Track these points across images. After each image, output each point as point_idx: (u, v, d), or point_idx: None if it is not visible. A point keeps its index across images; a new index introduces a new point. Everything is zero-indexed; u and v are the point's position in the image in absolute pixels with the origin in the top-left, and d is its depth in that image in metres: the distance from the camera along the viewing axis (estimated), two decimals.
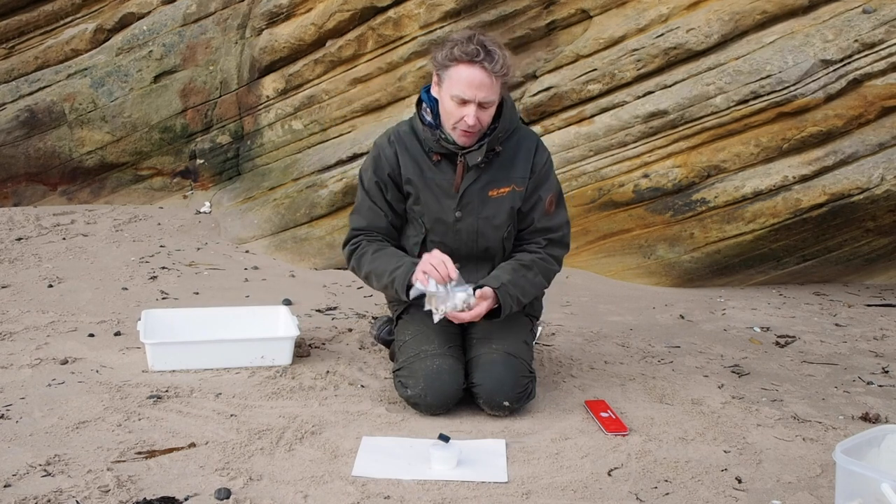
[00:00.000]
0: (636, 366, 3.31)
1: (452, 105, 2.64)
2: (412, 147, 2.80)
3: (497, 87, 2.62)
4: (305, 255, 5.11)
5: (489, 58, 2.57)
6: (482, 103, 2.61)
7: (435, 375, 2.66)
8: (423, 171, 2.79)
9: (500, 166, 2.79)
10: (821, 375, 3.32)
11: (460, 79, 2.60)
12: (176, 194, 6.04)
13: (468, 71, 2.58)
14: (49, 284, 4.15)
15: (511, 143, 2.81)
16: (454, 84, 2.61)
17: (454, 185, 2.77)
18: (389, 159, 2.81)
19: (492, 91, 2.61)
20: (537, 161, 2.83)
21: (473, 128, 2.65)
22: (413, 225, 2.88)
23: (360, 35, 5.29)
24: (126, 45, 5.87)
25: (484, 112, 2.64)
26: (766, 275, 4.98)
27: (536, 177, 2.82)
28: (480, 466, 2.32)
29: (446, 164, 2.79)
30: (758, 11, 4.46)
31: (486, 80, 2.58)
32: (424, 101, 2.79)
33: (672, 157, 4.62)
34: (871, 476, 1.95)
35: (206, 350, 3.01)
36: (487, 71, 2.57)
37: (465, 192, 2.78)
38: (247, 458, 2.32)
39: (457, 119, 2.65)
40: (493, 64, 2.57)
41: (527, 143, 2.83)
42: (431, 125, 2.76)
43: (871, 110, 4.33)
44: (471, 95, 2.60)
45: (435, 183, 2.79)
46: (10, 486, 2.09)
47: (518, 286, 2.74)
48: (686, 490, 2.23)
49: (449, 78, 2.63)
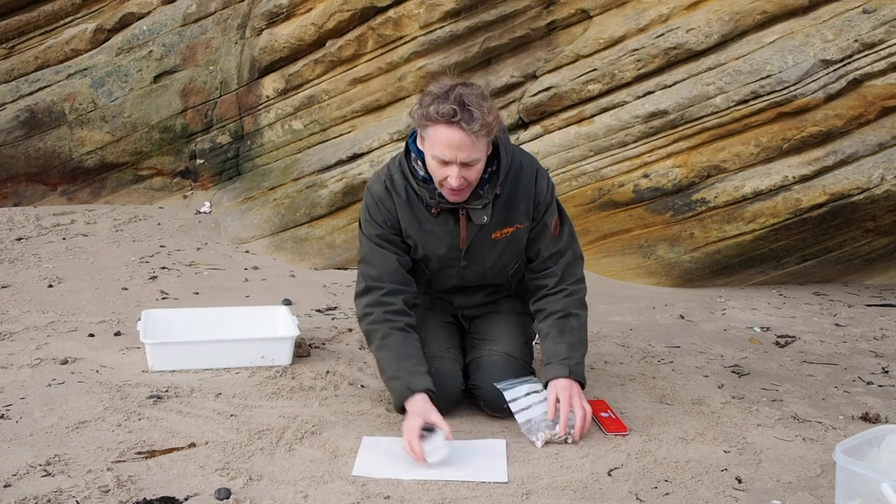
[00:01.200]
0: (636, 366, 3.31)
1: (435, 164, 2.47)
2: (408, 197, 2.64)
3: (480, 144, 2.43)
4: (305, 255, 5.11)
5: (467, 116, 2.35)
6: (465, 163, 2.43)
7: (434, 378, 2.65)
8: (421, 222, 2.67)
9: (503, 208, 2.65)
10: (821, 375, 3.32)
11: (439, 140, 2.41)
12: (176, 194, 6.04)
13: (447, 132, 2.38)
14: (49, 284, 4.15)
15: (510, 181, 2.64)
16: (434, 145, 2.44)
17: (461, 240, 2.67)
18: (389, 209, 2.66)
19: (474, 150, 2.42)
20: (539, 191, 2.68)
21: (459, 188, 2.48)
22: (415, 269, 2.78)
23: (360, 35, 5.29)
24: (126, 45, 5.88)
25: (469, 170, 2.46)
26: (766, 275, 4.98)
27: (541, 207, 2.70)
28: (480, 466, 2.31)
29: (447, 215, 2.64)
30: (758, 11, 4.45)
31: (465, 140, 2.38)
32: (413, 153, 2.59)
33: (672, 157, 4.62)
34: (871, 476, 1.95)
35: (206, 350, 3.01)
36: (466, 131, 2.36)
37: (471, 244, 2.69)
38: (247, 458, 2.32)
39: (441, 178, 2.49)
40: (472, 123, 2.36)
41: (525, 175, 2.67)
42: (426, 180, 2.58)
43: (871, 110, 4.33)
44: (451, 157, 2.41)
45: (436, 235, 2.67)
46: (10, 486, 2.09)
47: (576, 344, 2.67)
48: (686, 490, 2.23)
49: (429, 137, 2.46)
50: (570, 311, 2.71)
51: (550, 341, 2.68)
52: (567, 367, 2.60)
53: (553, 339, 2.68)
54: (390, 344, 2.58)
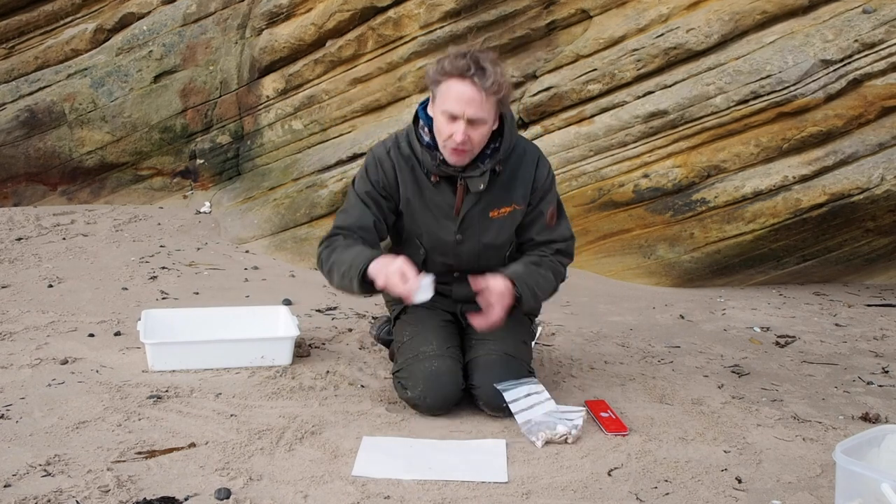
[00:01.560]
0: (636, 366, 3.31)
1: (443, 121, 2.55)
2: (411, 164, 2.71)
3: (488, 105, 2.52)
4: (305, 255, 5.11)
5: (480, 73, 2.47)
6: (471, 120, 2.51)
7: (434, 377, 2.65)
8: (421, 190, 2.72)
9: (501, 186, 2.71)
10: (821, 375, 3.32)
11: (450, 94, 2.51)
12: (176, 194, 6.04)
13: (458, 86, 2.49)
14: (49, 284, 4.15)
15: (511, 162, 2.72)
16: (444, 99, 2.53)
17: (454, 209, 2.72)
18: (388, 173, 2.73)
19: (481, 108, 2.50)
20: (539, 176, 2.75)
21: (463, 145, 2.54)
22: (408, 245, 2.82)
23: (360, 35, 5.29)
24: (126, 45, 5.88)
25: (474, 130, 2.53)
26: (766, 275, 4.98)
27: (538, 193, 2.76)
28: (480, 466, 2.32)
29: (445, 186, 2.71)
30: (758, 11, 4.46)
31: (475, 96, 2.48)
32: (422, 119, 2.69)
33: (672, 157, 4.62)
34: (871, 476, 1.95)
35: (206, 350, 3.01)
36: (477, 86, 2.47)
37: (466, 216, 2.72)
38: (247, 458, 2.32)
39: (446, 136, 2.55)
40: (484, 80, 2.47)
41: (527, 159, 2.75)
42: (430, 146, 2.66)
43: (871, 110, 4.33)
44: (459, 111, 2.50)
45: (434, 204, 2.72)
46: (10, 486, 2.09)
47: (532, 281, 2.68)
48: (686, 490, 2.23)
49: (440, 93, 2.55)
50: (541, 264, 2.75)
51: (514, 266, 2.72)
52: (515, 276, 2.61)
53: (516, 265, 2.72)
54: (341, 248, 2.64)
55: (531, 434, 2.50)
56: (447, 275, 2.85)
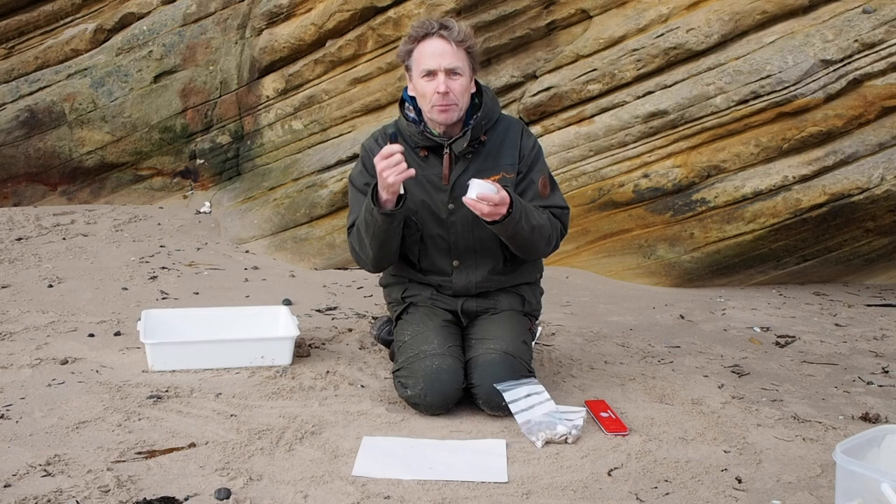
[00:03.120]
0: (636, 366, 3.31)
1: (423, 84, 2.70)
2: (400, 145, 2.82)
3: (461, 55, 2.69)
4: (305, 255, 5.11)
5: (446, 28, 2.68)
6: (449, 70, 2.66)
7: (434, 376, 2.66)
8: (411, 167, 2.75)
9: (488, 155, 2.82)
10: (821, 375, 3.32)
11: (423, 53, 2.69)
12: (176, 194, 6.04)
13: (428, 44, 2.68)
14: (49, 284, 4.15)
15: (496, 132, 2.85)
16: (419, 61, 2.70)
17: (443, 177, 2.80)
18: None
19: (456, 58, 2.68)
20: (524, 146, 2.85)
21: (447, 97, 2.68)
22: (408, 224, 2.86)
23: (360, 35, 5.29)
24: (126, 45, 5.88)
25: (454, 81, 2.68)
26: (766, 275, 4.98)
27: (525, 161, 2.85)
28: (480, 466, 2.32)
29: (434, 158, 2.82)
30: (758, 11, 4.46)
31: (447, 47, 2.66)
32: (406, 101, 2.85)
33: (672, 157, 4.62)
34: (871, 476, 1.95)
35: (206, 350, 3.01)
36: (446, 39, 2.66)
37: (456, 183, 2.79)
38: (247, 458, 2.32)
39: (430, 95, 2.69)
40: (451, 32, 2.67)
41: (512, 130, 2.87)
42: (415, 121, 2.81)
43: (871, 110, 4.33)
44: (435, 64, 2.66)
45: (425, 178, 2.81)
46: (10, 486, 2.09)
47: (529, 210, 2.71)
48: (686, 490, 2.23)
49: (414, 61, 2.72)
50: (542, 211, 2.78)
51: None
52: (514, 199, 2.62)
53: None
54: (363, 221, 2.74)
55: (531, 434, 2.50)
56: (446, 260, 2.87)
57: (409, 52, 2.73)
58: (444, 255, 2.88)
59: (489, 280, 2.89)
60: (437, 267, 2.90)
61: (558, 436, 2.48)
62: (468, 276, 2.88)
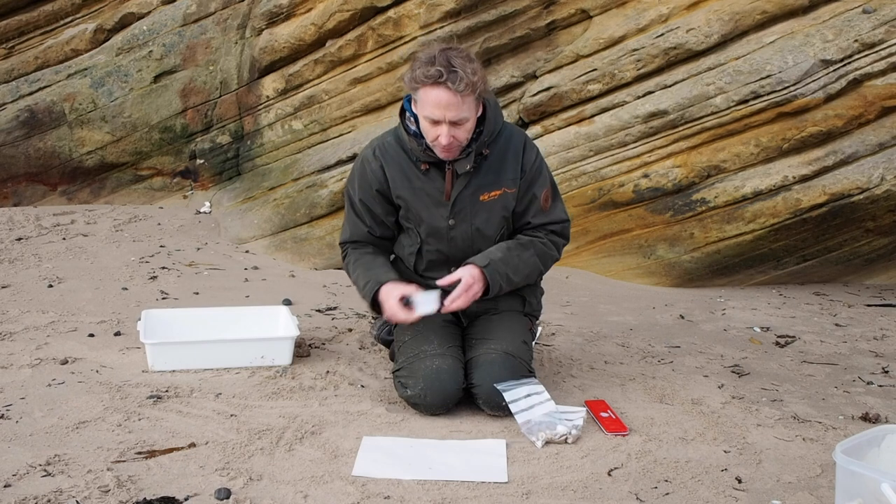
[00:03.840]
0: (636, 366, 3.31)
1: (427, 125, 2.62)
2: (399, 158, 2.78)
3: (467, 103, 2.57)
4: (305, 255, 5.11)
5: (453, 77, 2.50)
6: (453, 122, 2.57)
7: (434, 376, 2.66)
8: (411, 181, 2.78)
9: (490, 170, 2.77)
10: (821, 375, 3.32)
11: (427, 100, 2.56)
12: (176, 194, 6.04)
13: (434, 92, 2.53)
14: (49, 284, 4.15)
15: (499, 145, 2.78)
16: (423, 105, 2.59)
17: (445, 194, 2.76)
18: (376, 173, 2.80)
19: (461, 109, 2.56)
20: (526, 160, 2.81)
21: (450, 146, 2.62)
22: (408, 234, 2.87)
23: (360, 35, 5.29)
24: (126, 45, 5.88)
25: (459, 129, 2.60)
26: (766, 275, 4.98)
27: (528, 175, 2.81)
28: (480, 466, 2.32)
29: (435, 172, 2.76)
30: (758, 11, 4.46)
31: (452, 99, 2.52)
32: (407, 111, 2.74)
33: (672, 157, 4.62)
34: (871, 476, 1.95)
35: (206, 350, 3.01)
36: (452, 90, 2.51)
37: (457, 199, 2.76)
38: (247, 458, 2.32)
39: (432, 138, 2.63)
40: (458, 83, 2.50)
41: (514, 143, 2.81)
42: (417, 135, 2.71)
43: (871, 110, 4.33)
44: (440, 116, 2.56)
45: (425, 192, 2.77)
46: (10, 486, 2.09)
47: (510, 264, 2.76)
48: (686, 490, 2.23)
49: (419, 100, 2.61)
50: (529, 247, 2.82)
51: (495, 248, 2.79)
52: (487, 261, 2.71)
53: (499, 248, 2.79)
54: (361, 262, 2.83)
55: (531, 434, 2.50)
56: (444, 270, 2.86)
57: (414, 88, 2.61)
58: (443, 266, 2.87)
59: None
60: (434, 276, 2.90)
61: (558, 436, 2.48)
62: None
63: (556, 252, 2.90)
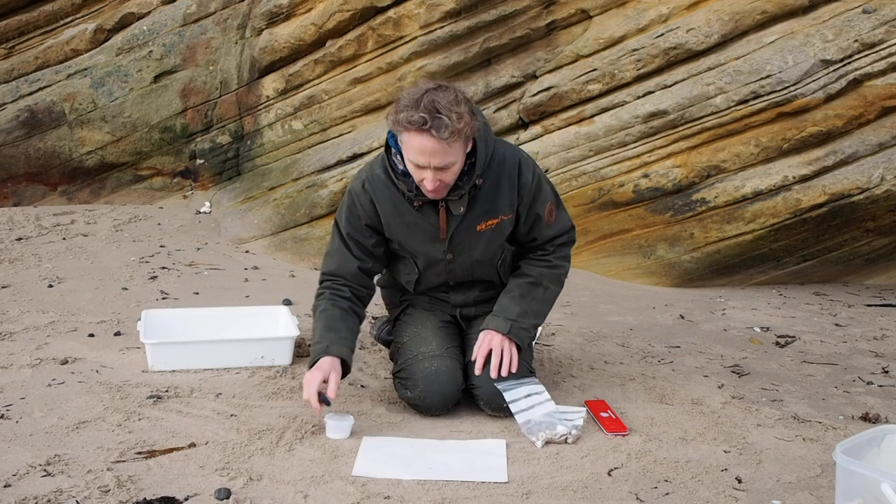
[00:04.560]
0: (636, 366, 3.31)
1: (412, 167, 2.49)
2: (389, 193, 2.65)
3: (454, 148, 2.43)
4: (305, 255, 5.11)
5: (437, 124, 2.35)
6: (439, 167, 2.44)
7: (434, 377, 2.66)
8: (404, 216, 2.68)
9: (485, 199, 2.65)
10: (821, 375, 3.32)
11: (412, 146, 2.43)
12: (176, 194, 6.04)
13: (418, 139, 2.39)
14: (49, 284, 4.15)
15: (492, 172, 2.64)
16: (408, 150, 2.46)
17: (441, 232, 2.68)
18: (366, 209, 2.68)
19: (447, 155, 2.42)
20: (523, 184, 2.67)
21: (437, 189, 2.50)
22: (405, 263, 2.81)
23: (360, 35, 5.29)
24: (126, 45, 5.88)
25: (445, 173, 2.47)
26: (766, 275, 4.98)
27: (526, 199, 2.69)
28: (480, 466, 2.32)
29: (429, 209, 2.65)
30: (758, 11, 4.46)
31: (437, 147, 2.38)
32: (393, 148, 2.59)
33: (672, 157, 4.62)
34: (871, 476, 1.95)
35: (206, 350, 3.01)
36: (436, 138, 2.37)
37: (454, 235, 2.69)
38: (247, 458, 2.32)
39: (419, 180, 2.51)
40: (442, 131, 2.35)
41: (508, 167, 2.66)
42: (405, 173, 2.58)
43: (871, 110, 4.33)
44: (424, 162, 2.43)
45: (419, 228, 2.68)
46: (10, 486, 2.09)
47: (531, 312, 2.74)
48: (686, 490, 2.23)
49: (403, 142, 2.48)
50: (541, 282, 2.78)
51: (508, 299, 2.75)
52: (508, 325, 2.68)
53: (512, 297, 2.75)
54: (326, 316, 2.67)
55: (531, 434, 2.50)
56: (446, 289, 2.87)
57: (398, 131, 2.46)
58: (444, 286, 2.87)
59: (488, 291, 2.89)
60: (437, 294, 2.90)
61: (558, 436, 2.48)
62: (465, 295, 2.88)
63: (566, 263, 2.86)
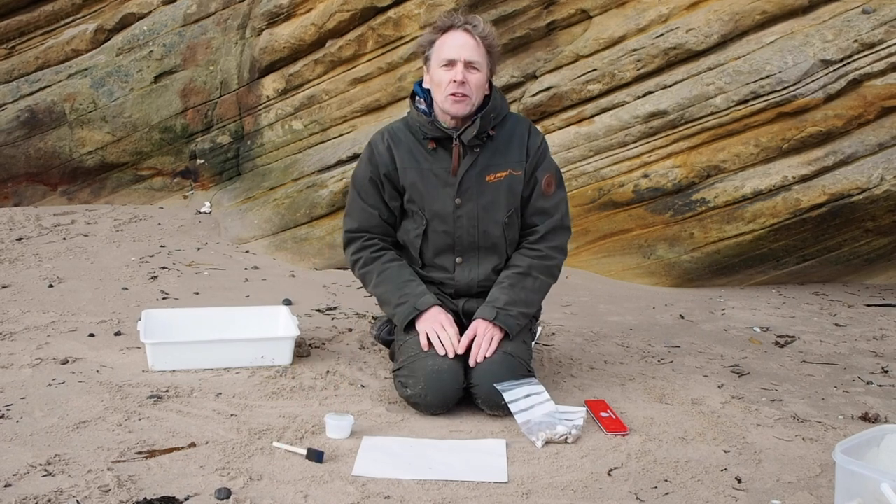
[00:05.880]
0: (636, 366, 3.31)
1: (441, 73, 2.73)
2: (407, 140, 2.87)
3: (482, 51, 2.73)
4: (305, 255, 5.12)
5: (472, 21, 2.73)
6: (468, 63, 2.70)
7: (435, 375, 2.66)
8: (419, 161, 2.84)
9: (496, 150, 2.85)
10: (821, 375, 3.32)
11: (445, 44, 2.73)
12: (176, 194, 6.04)
13: (452, 35, 2.73)
14: (49, 284, 4.15)
15: (505, 129, 2.87)
16: (441, 51, 2.74)
17: (452, 169, 2.81)
18: (383, 155, 2.87)
19: (477, 53, 2.72)
20: (531, 144, 2.88)
21: (463, 87, 2.70)
22: (413, 218, 2.89)
23: (360, 35, 5.29)
24: (126, 46, 5.88)
25: (471, 74, 2.72)
26: (766, 275, 4.98)
27: (532, 160, 2.88)
28: (480, 466, 2.32)
29: (442, 152, 2.84)
30: (758, 11, 4.46)
31: (469, 40, 2.71)
32: (418, 94, 2.87)
33: (672, 157, 4.63)
34: (871, 476, 1.95)
35: (206, 350, 3.01)
36: (471, 33, 2.71)
37: (464, 178, 2.82)
38: (247, 458, 2.32)
39: (446, 84, 2.72)
40: (476, 28, 2.72)
41: (520, 127, 2.89)
42: (426, 112, 2.83)
43: (871, 110, 4.33)
44: (456, 55, 2.70)
45: (432, 172, 2.84)
46: (10, 486, 2.09)
47: (519, 301, 2.79)
48: (686, 490, 2.23)
49: (436, 50, 2.76)
50: (530, 272, 2.85)
51: (498, 289, 2.84)
52: (495, 312, 2.76)
53: (501, 288, 2.84)
54: (387, 277, 2.85)
55: (531, 434, 2.50)
56: (449, 257, 2.89)
57: (432, 42, 2.78)
58: (448, 251, 2.89)
59: (491, 278, 2.89)
60: (439, 263, 2.90)
61: (558, 436, 2.49)
62: (470, 274, 2.89)
63: (558, 255, 2.91)
